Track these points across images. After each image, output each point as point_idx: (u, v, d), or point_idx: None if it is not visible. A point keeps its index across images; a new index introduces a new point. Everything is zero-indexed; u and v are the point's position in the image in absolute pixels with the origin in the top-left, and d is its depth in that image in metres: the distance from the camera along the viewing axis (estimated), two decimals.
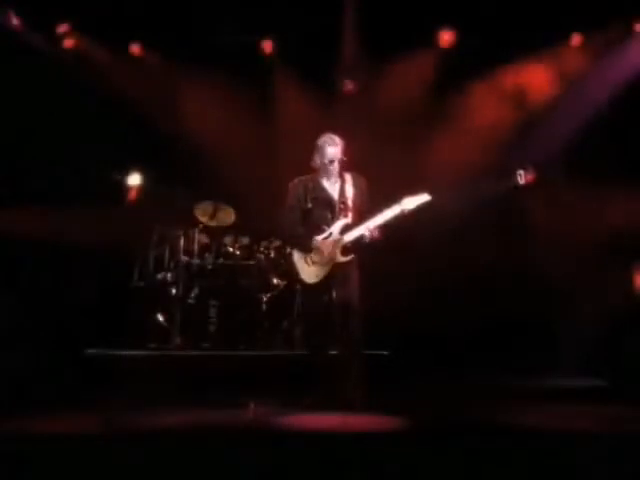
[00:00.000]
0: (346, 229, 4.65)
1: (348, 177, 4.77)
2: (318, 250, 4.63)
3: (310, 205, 4.72)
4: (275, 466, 3.17)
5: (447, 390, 4.80)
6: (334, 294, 4.67)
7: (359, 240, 4.62)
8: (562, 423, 4.08)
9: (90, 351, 5.62)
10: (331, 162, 4.69)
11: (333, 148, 4.69)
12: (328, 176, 4.76)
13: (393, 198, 4.62)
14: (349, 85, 6.97)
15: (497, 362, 4.90)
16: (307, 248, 4.66)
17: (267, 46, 6.91)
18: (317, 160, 4.75)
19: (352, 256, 4.64)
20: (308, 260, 4.66)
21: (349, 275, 4.64)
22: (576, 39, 6.71)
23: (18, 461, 3.17)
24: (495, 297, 6.02)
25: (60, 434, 3.72)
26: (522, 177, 4.87)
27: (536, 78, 6.77)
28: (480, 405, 4.41)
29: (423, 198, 4.60)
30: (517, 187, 4.90)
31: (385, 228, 4.62)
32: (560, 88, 6.63)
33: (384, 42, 6.49)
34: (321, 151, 4.72)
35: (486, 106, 6.60)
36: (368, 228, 4.55)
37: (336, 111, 6.62)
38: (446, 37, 6.76)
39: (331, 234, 4.64)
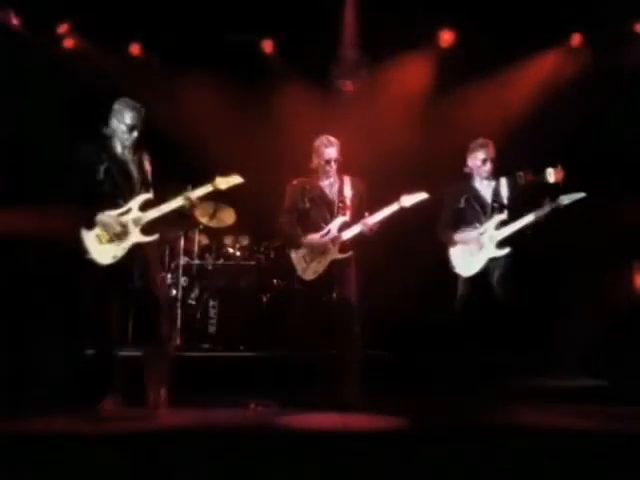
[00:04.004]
0: (344, 227, 4.68)
1: (347, 179, 4.84)
2: (311, 247, 4.65)
3: (308, 205, 4.77)
4: (275, 466, 3.17)
5: (447, 390, 4.80)
6: (334, 294, 4.68)
7: (357, 237, 4.66)
8: (562, 423, 4.08)
9: (90, 351, 5.61)
10: (328, 162, 4.75)
11: (329, 148, 4.76)
12: (326, 177, 4.80)
13: (391, 196, 4.67)
14: (349, 85, 6.97)
15: (497, 362, 4.90)
16: (297, 246, 4.69)
17: (267, 46, 6.91)
18: (315, 161, 4.80)
19: (350, 253, 4.67)
20: (306, 257, 4.67)
21: (348, 273, 4.66)
22: (576, 39, 6.71)
23: (17, 461, 3.17)
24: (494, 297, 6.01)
25: (59, 434, 3.73)
26: (522, 178, 4.89)
27: (535, 78, 6.77)
28: (480, 405, 4.41)
29: (421, 196, 4.66)
30: (518, 188, 4.93)
31: (382, 225, 4.67)
32: (560, 88, 6.62)
33: (384, 42, 6.49)
34: (318, 152, 4.79)
35: (486, 107, 6.60)
36: (366, 224, 4.60)
37: (336, 111, 6.62)
38: (446, 37, 6.76)
39: (329, 232, 4.68)
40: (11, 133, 6.34)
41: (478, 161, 4.96)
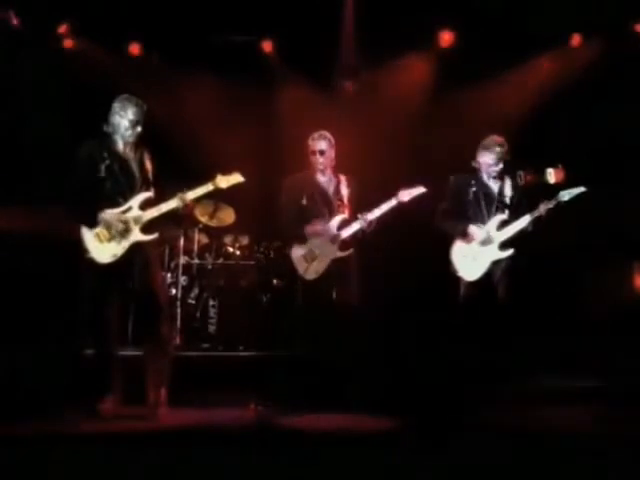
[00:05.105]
0: (343, 225, 4.69)
1: (343, 178, 4.87)
2: (318, 248, 4.66)
3: (306, 201, 4.77)
4: (275, 466, 3.17)
5: (447, 390, 4.80)
6: (334, 293, 4.69)
7: (357, 234, 4.67)
8: (562, 423, 4.08)
9: (90, 351, 5.61)
10: (315, 153, 4.76)
11: (317, 140, 4.79)
12: (321, 173, 4.81)
13: (389, 191, 4.69)
14: (349, 85, 6.97)
15: (497, 362, 4.90)
16: (303, 240, 4.70)
17: (267, 46, 6.91)
18: (310, 157, 4.83)
19: (351, 251, 4.68)
20: (307, 257, 4.68)
21: (348, 272, 4.68)
22: (576, 39, 6.70)
23: (17, 462, 3.17)
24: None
25: (59, 434, 3.72)
26: (522, 178, 4.88)
27: (535, 78, 6.77)
28: (480, 405, 4.41)
29: (418, 190, 4.68)
30: (519, 187, 4.92)
31: (381, 221, 4.68)
32: (560, 88, 6.62)
33: (384, 42, 6.49)
34: (309, 145, 4.81)
35: (486, 106, 6.60)
36: (365, 220, 4.61)
37: (336, 111, 6.62)
38: (446, 37, 6.76)
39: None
40: (11, 133, 6.35)
41: (490, 160, 4.83)
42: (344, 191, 4.81)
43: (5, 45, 6.31)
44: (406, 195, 4.68)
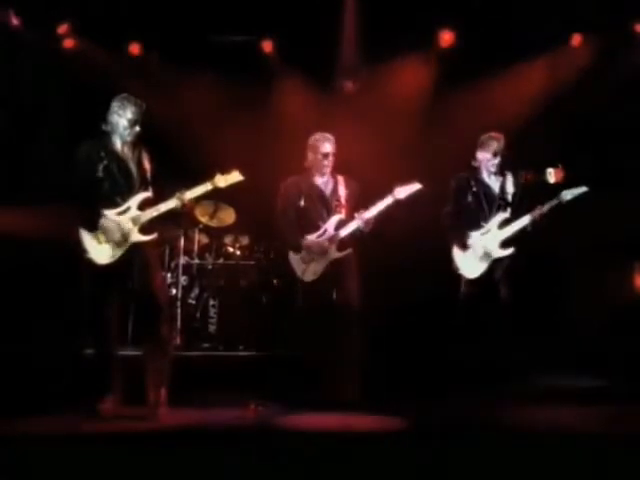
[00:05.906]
0: (341, 225, 4.69)
1: (341, 178, 4.87)
2: (311, 249, 4.66)
3: (304, 203, 4.77)
4: (275, 466, 3.17)
5: (447, 390, 4.80)
6: (334, 294, 4.69)
7: (355, 233, 4.67)
8: (562, 423, 4.08)
9: (90, 351, 5.61)
10: (325, 156, 4.75)
11: (326, 143, 4.79)
12: (321, 174, 4.81)
13: (386, 189, 4.68)
14: (349, 85, 6.97)
15: (498, 362, 4.90)
16: (298, 249, 4.70)
17: (267, 46, 6.91)
18: (310, 157, 4.82)
19: (349, 251, 4.68)
20: (305, 259, 4.68)
21: (347, 272, 4.67)
22: (576, 39, 6.70)
23: (17, 461, 3.17)
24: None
25: (59, 434, 3.73)
26: (522, 177, 4.91)
27: (535, 78, 6.76)
28: (480, 405, 4.41)
29: (414, 187, 4.68)
30: (519, 186, 4.93)
31: (378, 219, 4.68)
32: (559, 88, 6.62)
33: (384, 42, 6.48)
34: (314, 147, 4.81)
35: (485, 107, 6.59)
36: (362, 219, 4.61)
37: (336, 111, 6.62)
38: (446, 37, 6.75)
39: (326, 231, 4.69)
40: (11, 133, 6.34)
41: (488, 154, 4.92)
42: (342, 191, 4.80)
43: (5, 45, 6.31)
44: (402, 192, 4.67)
